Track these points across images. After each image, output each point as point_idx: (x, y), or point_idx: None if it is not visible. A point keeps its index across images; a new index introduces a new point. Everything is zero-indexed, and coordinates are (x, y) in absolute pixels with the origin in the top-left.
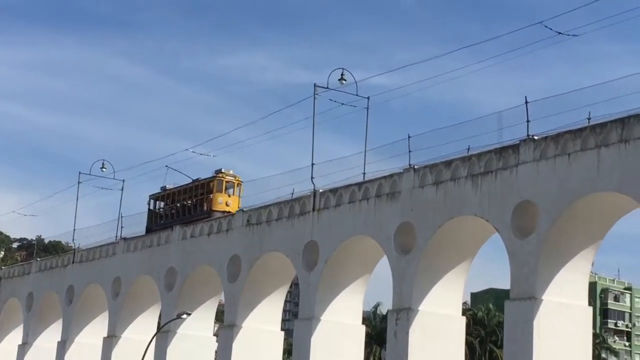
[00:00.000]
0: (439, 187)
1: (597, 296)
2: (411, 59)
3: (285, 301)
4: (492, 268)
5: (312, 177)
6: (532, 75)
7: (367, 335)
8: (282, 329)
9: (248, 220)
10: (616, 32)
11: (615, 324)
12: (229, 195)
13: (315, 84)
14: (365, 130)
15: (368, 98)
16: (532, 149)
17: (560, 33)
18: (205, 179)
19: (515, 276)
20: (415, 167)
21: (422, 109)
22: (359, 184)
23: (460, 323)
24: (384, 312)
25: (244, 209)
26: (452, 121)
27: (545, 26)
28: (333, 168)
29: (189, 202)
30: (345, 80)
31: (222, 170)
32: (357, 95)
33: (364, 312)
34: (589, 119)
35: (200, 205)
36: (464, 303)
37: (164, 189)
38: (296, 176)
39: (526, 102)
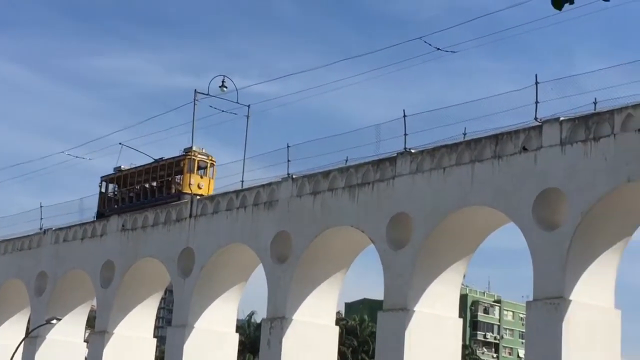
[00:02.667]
0: (316, 197)
1: (468, 308)
2: (291, 68)
3: (159, 308)
4: (367, 279)
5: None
6: (412, 88)
7: (241, 343)
8: (154, 336)
9: (123, 226)
10: (493, 50)
11: (484, 336)
12: (202, 177)
13: (195, 90)
14: (245, 138)
15: (249, 106)
16: (409, 162)
17: (439, 49)
18: (172, 158)
19: (388, 287)
20: (294, 176)
21: (301, 119)
22: (237, 192)
23: (334, 333)
24: (258, 321)
25: (119, 213)
26: (331, 132)
27: (425, 41)
28: None
29: (153, 184)
30: (226, 87)
31: (193, 148)
32: (237, 103)
33: (238, 321)
34: (464, 134)
35: (167, 188)
36: (338, 313)
37: (118, 169)
38: None
39: (404, 116)
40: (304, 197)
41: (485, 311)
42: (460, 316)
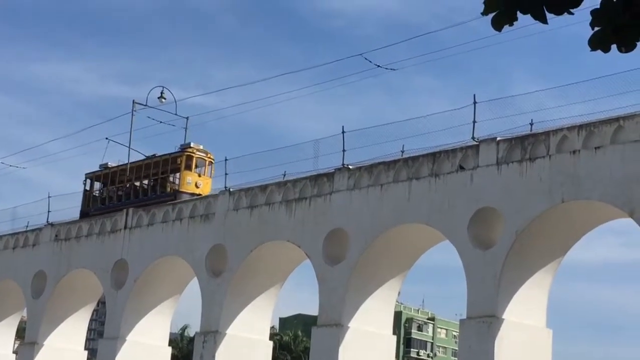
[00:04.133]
0: (253, 211)
1: (402, 325)
2: (230, 80)
3: (91, 320)
4: (301, 294)
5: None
6: (351, 104)
7: (173, 357)
8: (86, 348)
9: (56, 236)
10: (432, 69)
11: (418, 353)
12: (199, 175)
13: (133, 100)
14: None
15: (187, 118)
16: (347, 178)
17: (379, 66)
18: (168, 154)
19: (323, 303)
20: (231, 189)
21: (239, 132)
22: (173, 204)
23: (267, 347)
24: (192, 335)
25: (53, 223)
26: (269, 146)
27: (365, 58)
28: None
29: (145, 182)
30: (165, 98)
31: (192, 145)
32: (176, 114)
33: (171, 334)
34: (402, 151)
35: (161, 186)
36: (272, 328)
37: (104, 166)
38: None
39: (343, 132)
40: (241, 210)
41: (419, 328)
42: (394, 333)
